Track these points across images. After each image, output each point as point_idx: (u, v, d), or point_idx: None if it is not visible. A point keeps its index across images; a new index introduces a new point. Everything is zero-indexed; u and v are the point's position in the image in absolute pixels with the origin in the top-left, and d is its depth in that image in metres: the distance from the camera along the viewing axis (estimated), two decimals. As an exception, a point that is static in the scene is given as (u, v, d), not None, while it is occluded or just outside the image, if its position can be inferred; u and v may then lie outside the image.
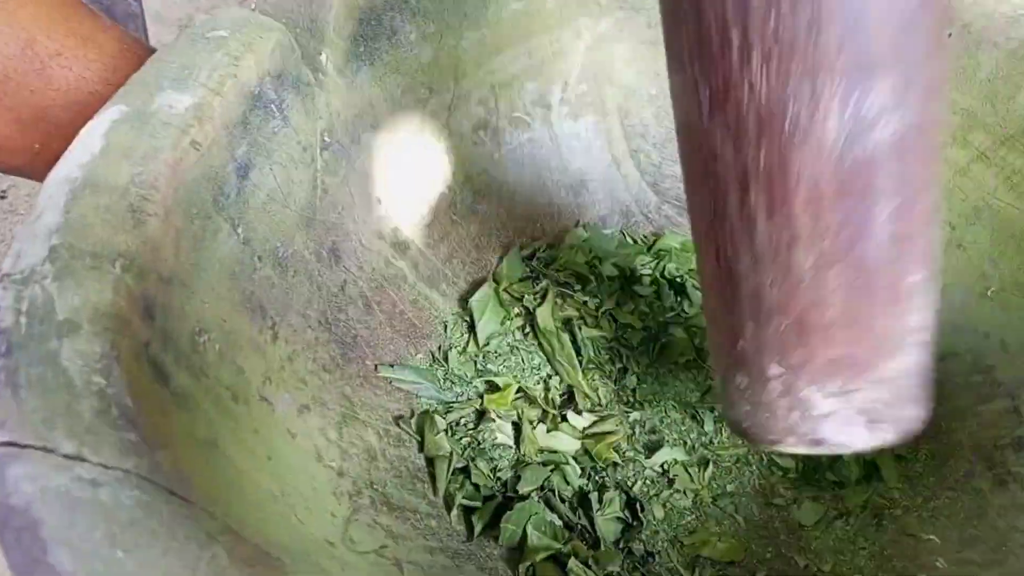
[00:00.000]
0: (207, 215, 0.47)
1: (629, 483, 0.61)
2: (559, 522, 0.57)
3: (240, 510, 0.37)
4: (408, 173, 0.65)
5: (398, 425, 0.59)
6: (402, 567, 0.48)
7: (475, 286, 0.69)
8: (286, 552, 0.38)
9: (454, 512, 0.57)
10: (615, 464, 0.62)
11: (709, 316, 0.50)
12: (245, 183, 0.50)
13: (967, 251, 0.62)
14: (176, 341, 0.42)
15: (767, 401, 0.47)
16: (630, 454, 0.62)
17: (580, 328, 0.68)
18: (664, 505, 0.60)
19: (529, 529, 0.56)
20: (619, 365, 0.67)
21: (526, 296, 0.69)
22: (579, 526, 0.59)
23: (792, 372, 0.44)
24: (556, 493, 0.59)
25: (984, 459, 0.57)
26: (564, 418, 0.64)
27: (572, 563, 0.55)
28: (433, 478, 0.59)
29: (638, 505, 0.59)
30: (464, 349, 0.66)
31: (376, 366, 0.60)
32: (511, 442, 0.62)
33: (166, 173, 0.44)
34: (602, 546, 0.57)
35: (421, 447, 0.60)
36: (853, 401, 0.45)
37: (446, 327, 0.67)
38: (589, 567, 0.55)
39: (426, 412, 0.61)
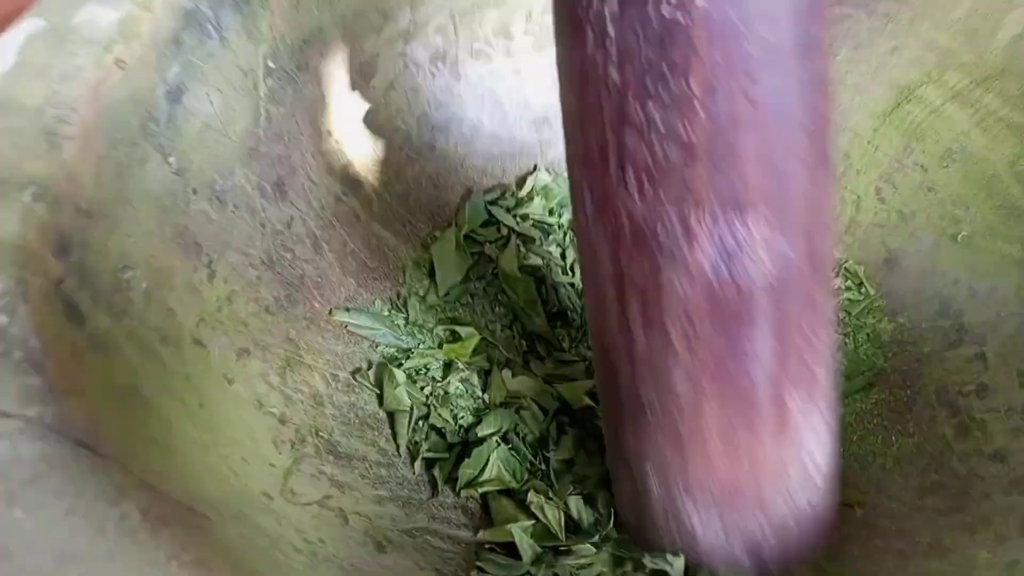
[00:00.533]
0: (133, 142, 0.43)
1: (588, 428, 0.59)
2: (519, 463, 0.56)
3: (162, 463, 0.35)
4: (361, 105, 0.61)
5: (355, 378, 0.56)
6: (347, 518, 0.46)
7: (434, 227, 0.66)
8: (214, 507, 0.35)
9: (417, 463, 0.55)
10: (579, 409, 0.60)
11: (600, 403, 0.49)
12: (177, 108, 0.46)
13: (938, 194, 0.60)
14: (95, 279, 0.38)
15: (648, 508, 0.46)
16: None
17: (548, 274, 0.65)
18: None
19: (491, 458, 0.54)
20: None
21: (487, 244, 0.66)
22: (539, 471, 0.57)
23: (670, 479, 0.44)
24: (519, 435, 0.57)
25: (948, 405, 0.56)
26: (527, 365, 0.61)
27: (531, 495, 0.53)
28: (394, 432, 0.56)
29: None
30: (424, 297, 0.63)
31: (331, 310, 0.57)
32: (479, 391, 0.60)
33: (86, 94, 0.40)
34: (556, 485, 0.55)
35: (380, 401, 0.57)
36: (731, 527, 0.45)
37: (404, 272, 0.64)
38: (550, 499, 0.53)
39: (384, 364, 0.58)
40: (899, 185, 0.62)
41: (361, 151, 0.61)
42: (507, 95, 0.68)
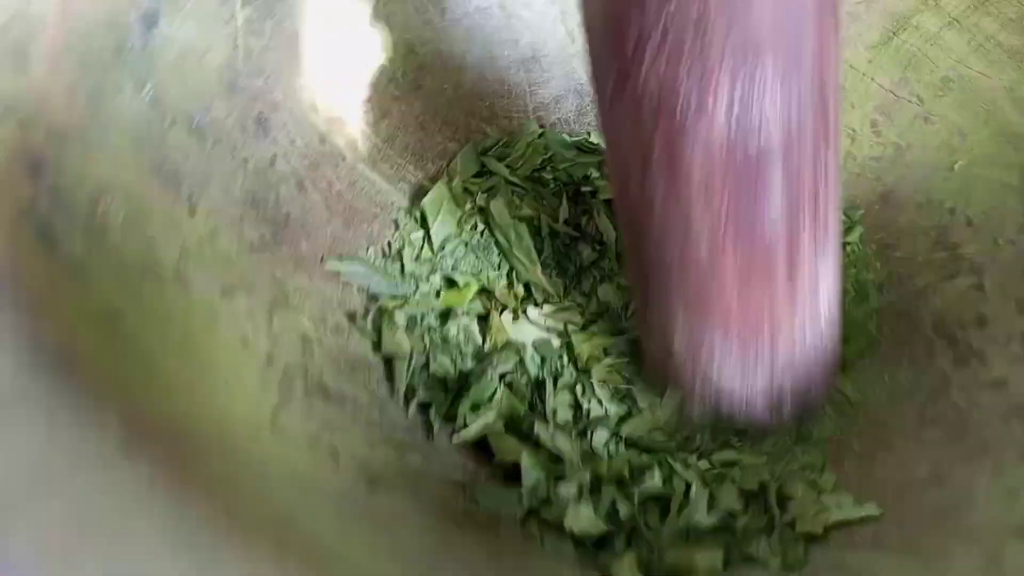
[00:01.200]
0: (107, 66, 0.41)
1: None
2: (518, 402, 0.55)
3: (143, 392, 0.33)
4: (344, 42, 0.59)
5: (352, 322, 0.55)
6: (338, 457, 0.45)
7: (421, 170, 0.64)
8: (199, 438, 0.34)
9: (412, 404, 0.54)
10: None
11: (626, 263, 0.53)
12: (152, 35, 0.44)
13: (934, 124, 0.59)
14: (70, 203, 0.37)
15: (673, 369, 0.49)
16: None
17: (540, 223, 0.64)
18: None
19: (498, 391, 0.54)
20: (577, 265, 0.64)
21: (479, 194, 0.64)
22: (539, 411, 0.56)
23: (694, 327, 0.46)
24: (519, 377, 0.56)
25: (946, 337, 0.55)
26: (525, 313, 0.60)
27: (538, 426, 0.52)
28: (390, 376, 0.55)
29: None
30: (419, 254, 0.61)
31: (322, 257, 0.56)
32: (479, 338, 0.59)
33: (55, 12, 0.38)
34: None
35: (378, 346, 0.56)
36: (752, 359, 0.47)
37: (397, 225, 0.62)
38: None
39: (383, 309, 0.57)
40: (895, 117, 0.61)
41: (345, 90, 0.59)
42: (494, 33, 0.66)
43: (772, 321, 0.46)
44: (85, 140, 0.39)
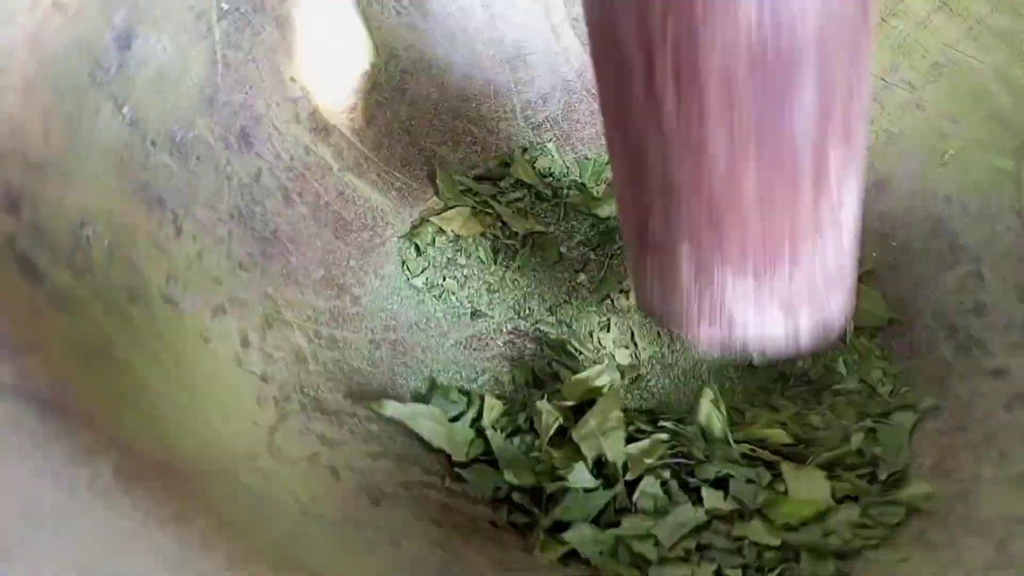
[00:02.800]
0: (83, 92, 0.41)
1: None
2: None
3: (136, 421, 0.33)
4: (324, 48, 0.58)
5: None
6: (338, 473, 0.45)
7: (409, 175, 0.64)
8: (195, 466, 0.33)
9: None
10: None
11: (619, 197, 0.47)
12: (128, 55, 0.43)
13: (927, 111, 0.59)
14: (52, 236, 0.36)
15: (679, 284, 0.44)
16: None
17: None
18: None
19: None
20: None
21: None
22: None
23: (704, 254, 0.42)
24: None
25: (946, 326, 0.55)
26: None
27: (540, 404, 0.52)
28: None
29: None
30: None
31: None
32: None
33: (24, 40, 0.38)
34: None
35: None
36: (768, 285, 0.43)
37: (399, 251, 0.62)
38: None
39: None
40: (886, 104, 0.60)
41: (328, 98, 0.59)
42: (477, 33, 0.65)
43: (793, 245, 0.41)
44: (64, 169, 0.38)
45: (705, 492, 0.48)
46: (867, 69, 0.37)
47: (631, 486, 0.49)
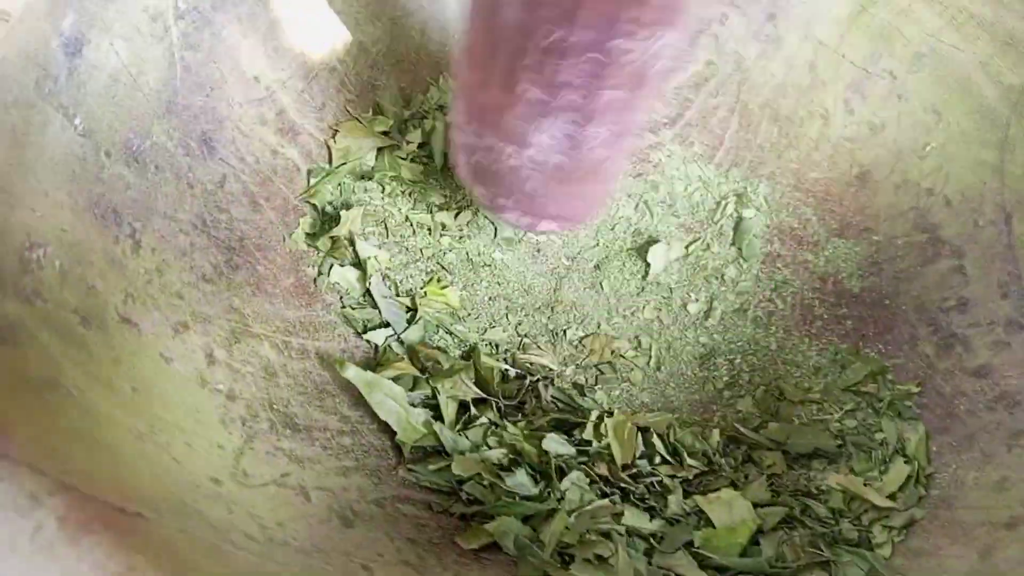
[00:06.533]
0: (29, 103, 0.38)
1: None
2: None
3: (87, 460, 0.31)
4: (290, 47, 0.56)
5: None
6: (308, 495, 0.43)
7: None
8: (151, 503, 0.32)
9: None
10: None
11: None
12: (78, 62, 0.41)
13: (909, 102, 0.57)
14: (-4, 262, 0.34)
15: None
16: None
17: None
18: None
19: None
20: None
21: None
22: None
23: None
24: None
25: (928, 323, 0.54)
26: None
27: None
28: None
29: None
30: None
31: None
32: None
33: (-38, 52, 0.35)
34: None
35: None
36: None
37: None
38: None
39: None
40: (868, 95, 0.59)
41: (294, 97, 0.57)
42: (450, 23, 0.63)
43: None
44: (9, 189, 0.36)
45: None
46: None
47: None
